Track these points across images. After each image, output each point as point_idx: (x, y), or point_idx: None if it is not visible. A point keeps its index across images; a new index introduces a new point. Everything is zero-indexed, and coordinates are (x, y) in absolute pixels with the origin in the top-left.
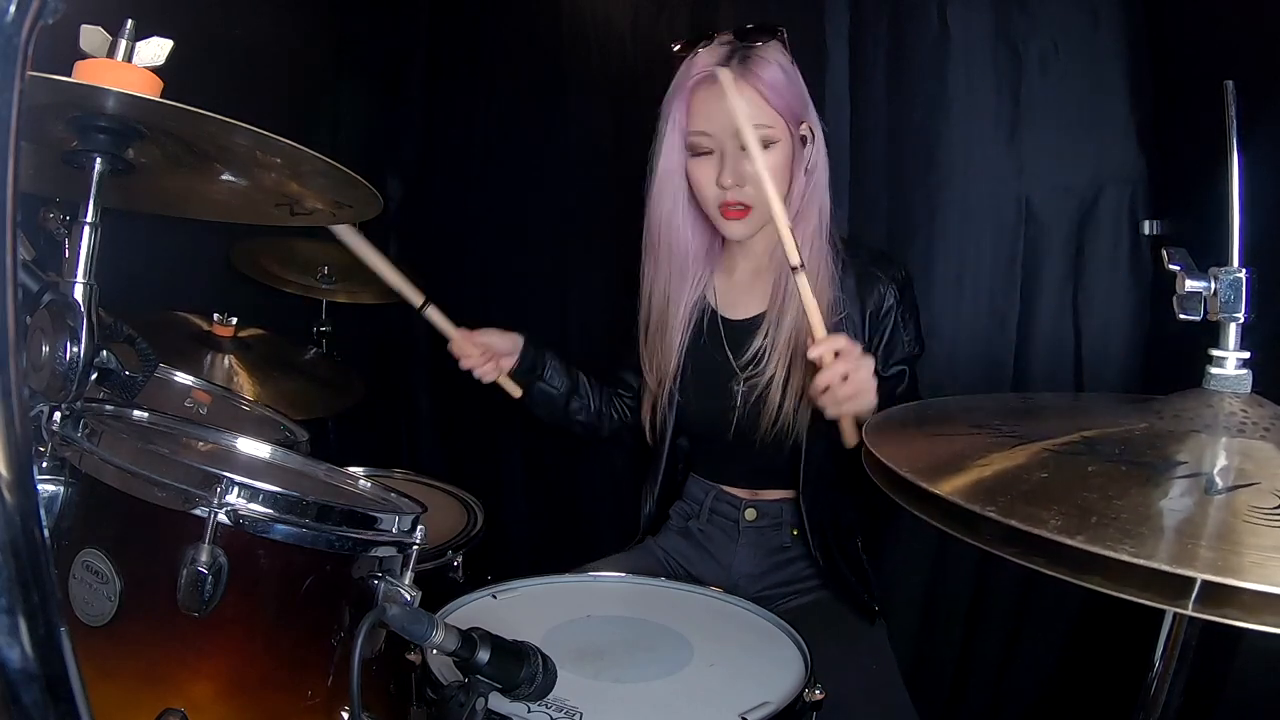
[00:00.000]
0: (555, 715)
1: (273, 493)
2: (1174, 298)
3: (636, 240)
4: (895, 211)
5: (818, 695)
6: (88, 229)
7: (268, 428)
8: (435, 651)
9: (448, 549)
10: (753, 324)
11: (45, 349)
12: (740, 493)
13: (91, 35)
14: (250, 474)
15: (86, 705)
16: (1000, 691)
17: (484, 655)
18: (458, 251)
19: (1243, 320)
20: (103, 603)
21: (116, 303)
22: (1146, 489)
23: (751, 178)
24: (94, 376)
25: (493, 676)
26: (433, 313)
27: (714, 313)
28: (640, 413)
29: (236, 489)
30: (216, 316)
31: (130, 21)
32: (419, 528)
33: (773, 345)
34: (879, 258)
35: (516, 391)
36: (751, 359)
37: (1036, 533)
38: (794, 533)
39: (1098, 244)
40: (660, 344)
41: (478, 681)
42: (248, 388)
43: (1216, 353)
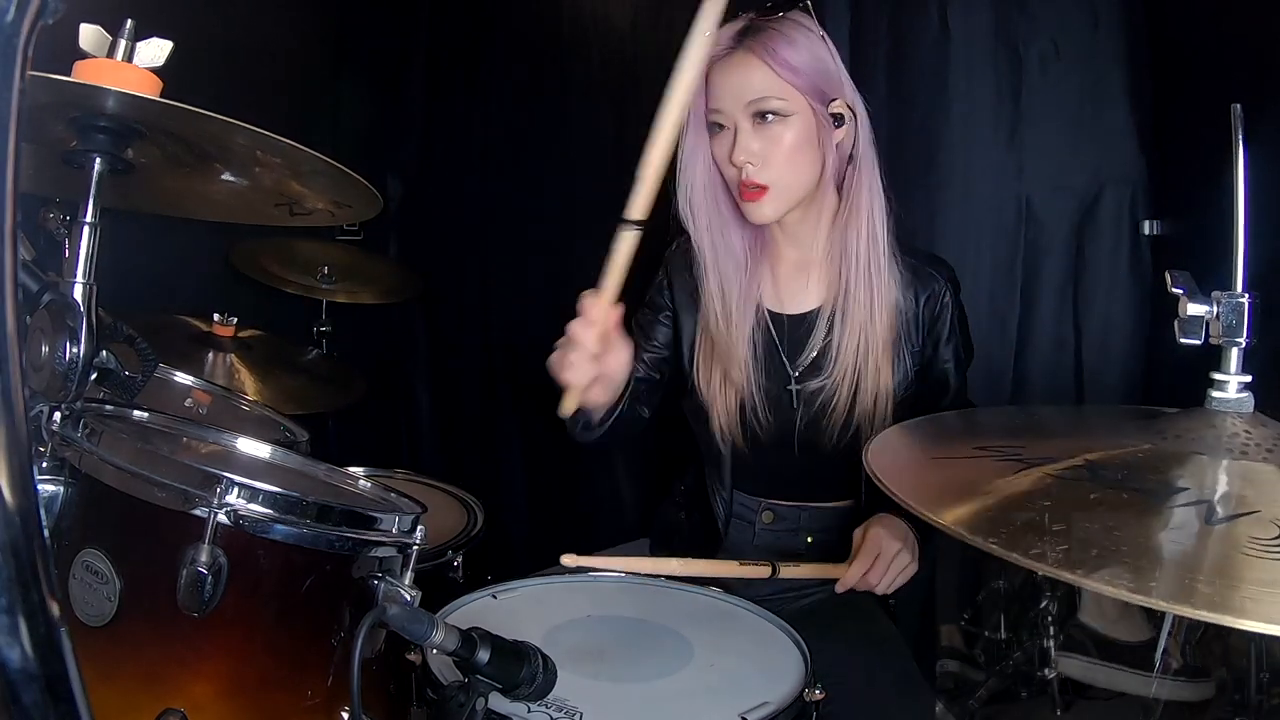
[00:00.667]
0: (555, 715)
1: (273, 493)
2: (1175, 321)
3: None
4: (895, 212)
5: (818, 695)
6: (88, 229)
7: (268, 428)
8: (435, 651)
9: (448, 549)
10: (809, 319)
11: (45, 349)
12: (758, 494)
13: (91, 35)
14: (250, 474)
15: (86, 705)
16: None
17: (484, 655)
18: (458, 251)
19: (1244, 345)
20: (103, 603)
21: (116, 303)
22: (1147, 518)
23: (762, 155)
24: (94, 376)
25: (493, 676)
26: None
27: (760, 307)
28: (650, 412)
29: (236, 489)
30: (216, 316)
31: (130, 21)
32: (419, 528)
33: (838, 342)
34: (933, 259)
35: (570, 409)
36: (813, 358)
37: (1037, 567)
38: (809, 540)
39: (1098, 244)
40: (726, 342)
41: (478, 681)
42: (248, 388)
43: (1218, 376)
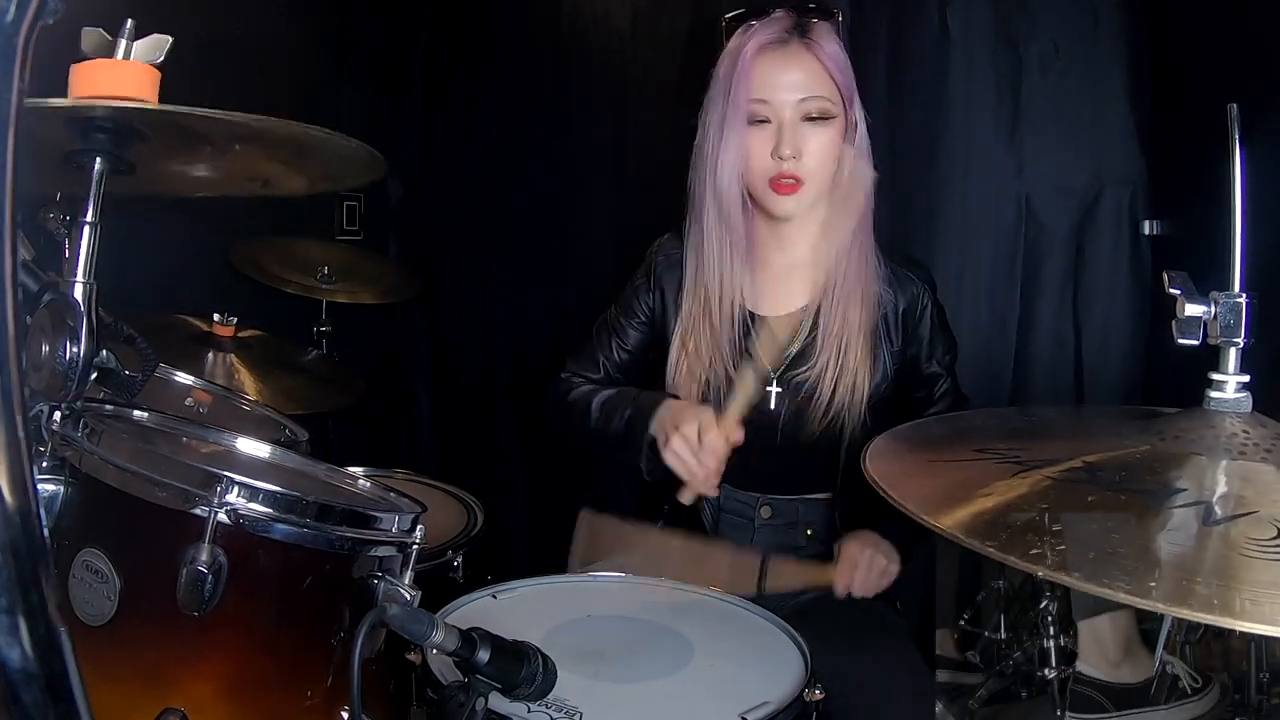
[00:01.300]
0: (555, 715)
1: (273, 492)
2: (1173, 322)
3: (637, 240)
4: (895, 211)
5: (818, 695)
6: (88, 229)
7: (268, 427)
8: (435, 651)
9: (448, 549)
10: (790, 321)
11: (45, 349)
12: (754, 490)
13: (92, 38)
14: (250, 474)
15: (86, 705)
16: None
17: (484, 655)
18: (458, 251)
19: (1242, 345)
20: (103, 603)
21: (116, 302)
22: (1146, 520)
23: (806, 151)
24: (94, 376)
25: (493, 676)
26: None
27: (743, 308)
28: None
29: (236, 489)
30: (216, 316)
31: (130, 21)
32: (419, 527)
33: (821, 340)
34: (908, 260)
35: (689, 500)
36: (794, 356)
37: (1034, 570)
38: (808, 533)
39: (1098, 244)
40: (705, 343)
41: (478, 681)
42: (248, 388)
43: (1216, 376)
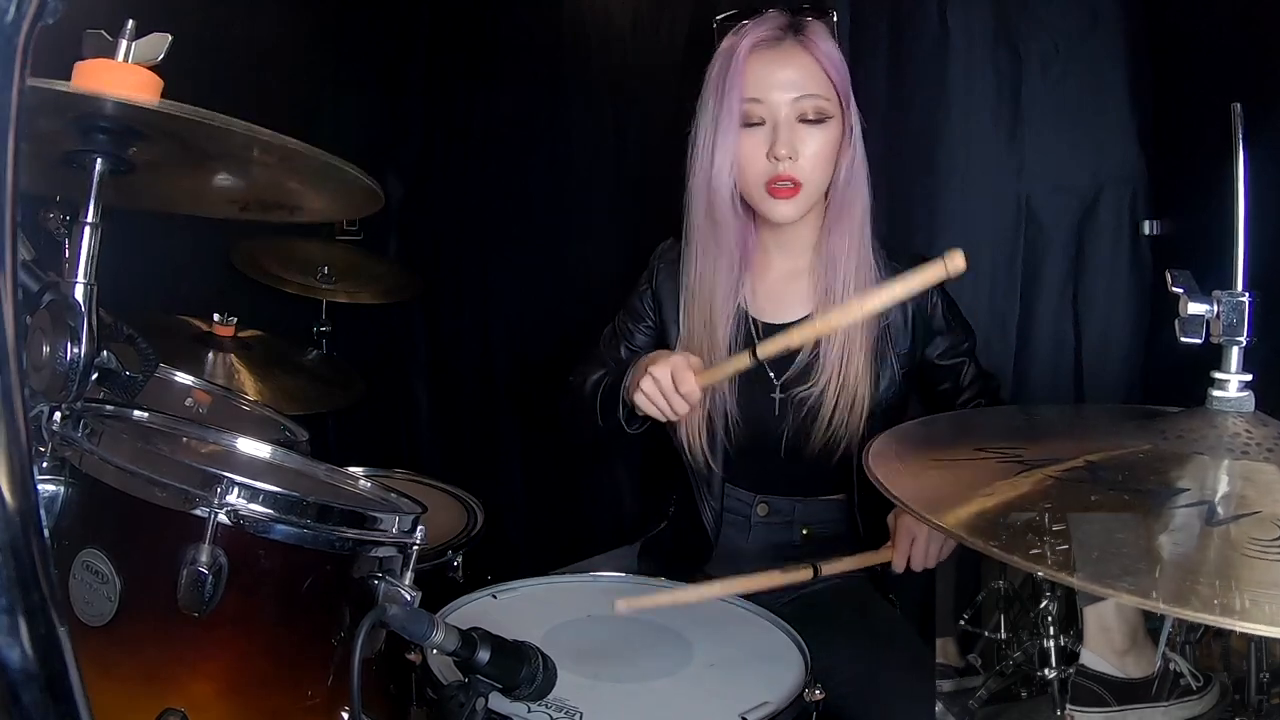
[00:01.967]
0: (555, 715)
1: (273, 493)
2: (1175, 320)
3: (637, 240)
4: (895, 211)
5: (818, 695)
6: (88, 229)
7: (268, 428)
8: (435, 651)
9: (448, 549)
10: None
11: (45, 349)
12: (751, 489)
13: (93, 39)
14: (250, 474)
15: (86, 705)
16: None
17: (484, 655)
18: (458, 251)
19: (1245, 344)
20: (103, 603)
21: (117, 303)
22: (1148, 520)
23: (802, 152)
24: (94, 376)
25: (493, 676)
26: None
27: (748, 316)
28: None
29: (236, 489)
30: (217, 316)
31: (131, 22)
32: (419, 528)
33: (824, 355)
34: (918, 260)
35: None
36: (798, 367)
37: (1035, 569)
38: (804, 532)
39: (1098, 244)
40: (705, 350)
41: (478, 681)
42: (248, 388)
43: (1219, 376)
